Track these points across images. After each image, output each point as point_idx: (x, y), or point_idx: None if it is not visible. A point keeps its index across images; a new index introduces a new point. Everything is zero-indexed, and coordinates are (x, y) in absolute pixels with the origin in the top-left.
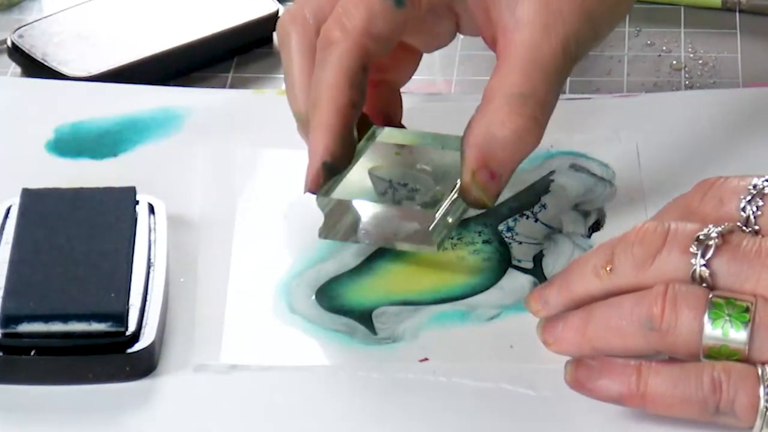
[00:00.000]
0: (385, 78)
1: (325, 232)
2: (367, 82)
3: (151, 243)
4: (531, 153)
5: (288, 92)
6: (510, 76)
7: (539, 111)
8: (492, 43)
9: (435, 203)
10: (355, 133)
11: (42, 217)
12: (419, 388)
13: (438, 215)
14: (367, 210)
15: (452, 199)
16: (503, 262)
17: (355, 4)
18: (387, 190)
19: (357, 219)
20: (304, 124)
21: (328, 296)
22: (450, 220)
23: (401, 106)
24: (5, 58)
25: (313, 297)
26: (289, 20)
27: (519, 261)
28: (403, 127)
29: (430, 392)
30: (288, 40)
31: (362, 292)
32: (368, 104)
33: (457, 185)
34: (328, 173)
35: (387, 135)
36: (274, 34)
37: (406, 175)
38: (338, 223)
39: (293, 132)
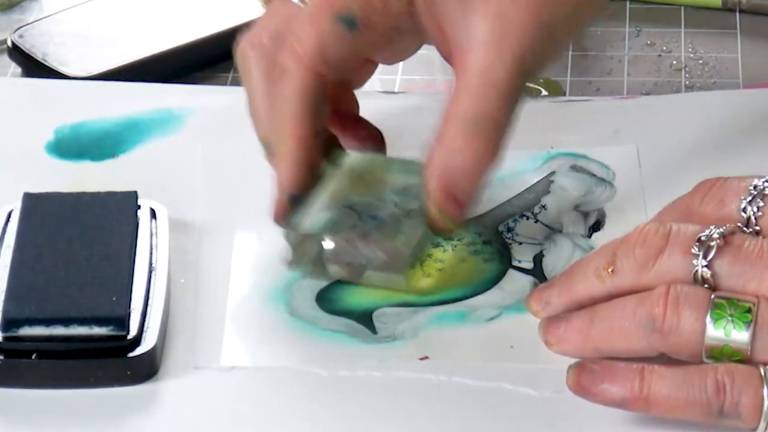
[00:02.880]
0: (341, 78)
1: (294, 264)
2: (327, 105)
3: (153, 247)
4: (492, 173)
5: (251, 118)
6: (465, 101)
7: (495, 133)
8: (449, 60)
9: (400, 233)
10: (320, 159)
11: (44, 221)
12: (419, 388)
13: (408, 249)
14: (335, 243)
15: (419, 227)
16: (503, 263)
17: (306, 31)
18: (356, 222)
19: (325, 252)
20: (269, 152)
21: (329, 299)
22: (417, 248)
23: (357, 104)
24: (5, 58)
25: (314, 299)
26: (248, 46)
27: (519, 261)
28: (361, 122)
29: (430, 392)
30: (247, 66)
31: (362, 295)
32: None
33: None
34: (294, 204)
35: (352, 160)
36: None
37: (372, 205)
38: (306, 254)
39: None
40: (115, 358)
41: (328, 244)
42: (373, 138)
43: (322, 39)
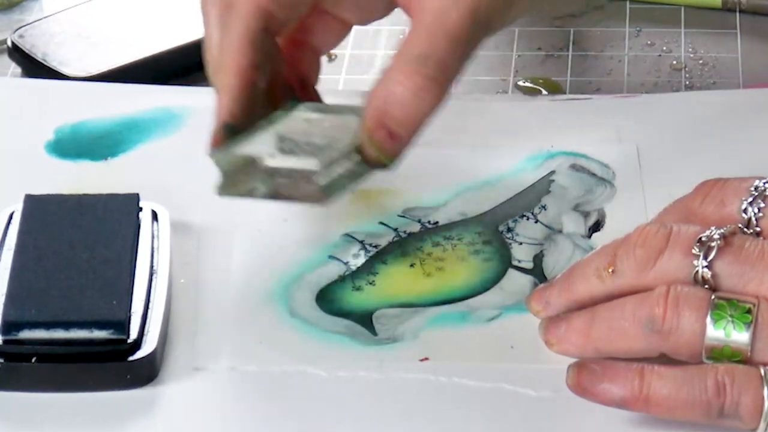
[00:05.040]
0: (307, 41)
1: (223, 190)
2: (274, 45)
3: (154, 250)
4: (431, 114)
5: (205, 53)
6: (413, 39)
7: (439, 72)
8: (406, 9)
9: (332, 163)
10: (261, 95)
11: (45, 223)
12: (419, 388)
13: (329, 172)
14: (263, 167)
15: (350, 159)
16: (503, 263)
17: None
18: (291, 148)
19: (254, 176)
20: (212, 82)
21: (328, 300)
22: (346, 180)
23: (318, 72)
24: (5, 58)
25: (314, 300)
26: None
27: (519, 261)
28: (317, 94)
29: (430, 392)
30: (206, 7)
31: (362, 295)
32: (287, 64)
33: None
34: (229, 133)
35: (304, 107)
36: None
37: (311, 138)
38: (236, 181)
39: None
40: (115, 362)
41: (257, 169)
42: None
43: None
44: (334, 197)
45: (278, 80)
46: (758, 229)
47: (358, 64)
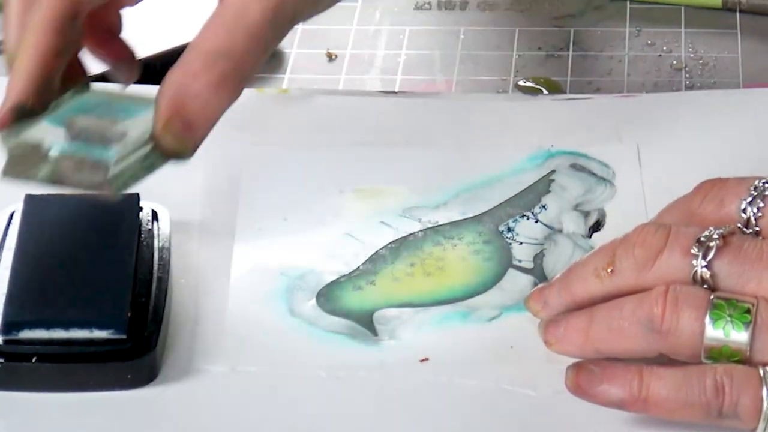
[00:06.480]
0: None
1: (7, 171)
2: (79, 29)
3: (155, 250)
4: (226, 108)
5: (3, 32)
6: (212, 33)
7: (236, 69)
8: None
9: (124, 153)
10: (57, 81)
11: (45, 223)
12: (419, 388)
13: (120, 163)
14: (49, 152)
15: (142, 149)
16: (504, 263)
17: None
18: (81, 135)
19: (40, 161)
20: (11, 64)
21: (329, 299)
22: (137, 170)
23: (120, 25)
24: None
25: (314, 300)
26: None
27: (519, 261)
28: (125, 44)
29: (430, 392)
30: None
31: (362, 295)
32: (90, 19)
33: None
34: (20, 115)
35: (95, 93)
36: None
37: (101, 126)
38: (20, 164)
39: (294, 132)
40: (115, 362)
41: (45, 154)
42: (126, 56)
43: None
44: (123, 188)
45: (74, 60)
46: (757, 228)
47: (358, 64)
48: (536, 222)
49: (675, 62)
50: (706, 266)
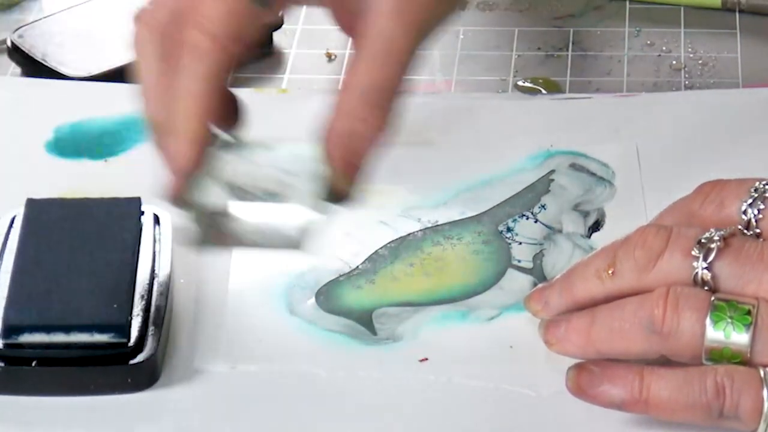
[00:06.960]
0: None
1: (199, 242)
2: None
3: (156, 254)
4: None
5: (142, 96)
6: (368, 70)
7: (392, 101)
8: (346, 29)
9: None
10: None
11: (46, 227)
12: (419, 388)
13: (305, 220)
14: (236, 216)
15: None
16: (503, 263)
17: (218, 8)
18: (249, 196)
19: (227, 226)
20: (158, 130)
21: (328, 298)
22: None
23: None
24: (5, 58)
25: (313, 299)
26: (144, 24)
27: (519, 261)
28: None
29: (430, 392)
30: (143, 43)
31: (362, 294)
32: None
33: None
34: (188, 182)
35: (230, 145)
36: (273, 34)
37: (257, 182)
38: (209, 232)
39: (294, 131)
40: (116, 366)
41: (230, 219)
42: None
43: (237, 18)
44: (307, 242)
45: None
46: (758, 230)
47: None
48: (536, 222)
49: (674, 62)
50: (706, 268)
